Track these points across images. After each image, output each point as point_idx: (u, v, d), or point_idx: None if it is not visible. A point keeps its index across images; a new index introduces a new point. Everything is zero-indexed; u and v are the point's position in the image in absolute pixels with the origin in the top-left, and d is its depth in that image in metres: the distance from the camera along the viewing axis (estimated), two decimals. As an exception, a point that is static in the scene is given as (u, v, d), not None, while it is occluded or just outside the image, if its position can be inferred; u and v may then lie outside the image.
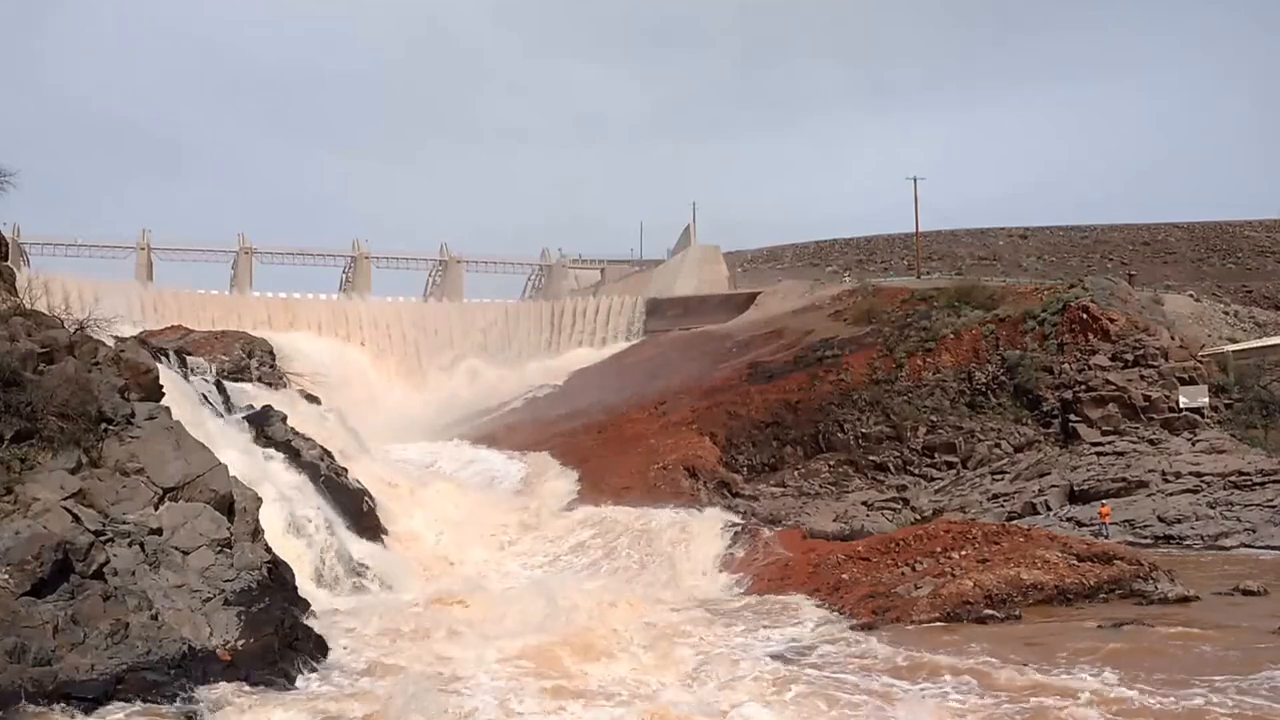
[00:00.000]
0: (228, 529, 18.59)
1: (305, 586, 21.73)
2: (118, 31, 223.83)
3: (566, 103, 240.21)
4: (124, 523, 17.43)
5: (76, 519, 16.41)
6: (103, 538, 16.53)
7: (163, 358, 27.45)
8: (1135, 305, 45.75)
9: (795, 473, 42.29)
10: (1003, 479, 39.33)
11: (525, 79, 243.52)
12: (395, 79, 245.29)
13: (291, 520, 24.69)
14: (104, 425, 19.09)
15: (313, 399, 41.19)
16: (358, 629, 20.37)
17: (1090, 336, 42.47)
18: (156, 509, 18.21)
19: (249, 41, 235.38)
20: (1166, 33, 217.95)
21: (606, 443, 45.49)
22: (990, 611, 21.26)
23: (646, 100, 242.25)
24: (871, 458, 41.94)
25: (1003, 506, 37.40)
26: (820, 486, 41.28)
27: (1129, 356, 41.19)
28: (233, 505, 19.39)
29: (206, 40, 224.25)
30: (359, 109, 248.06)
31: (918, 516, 37.35)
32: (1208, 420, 39.50)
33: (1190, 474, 36.09)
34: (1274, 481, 34.47)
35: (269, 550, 19.59)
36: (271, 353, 46.56)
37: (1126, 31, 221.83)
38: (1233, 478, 35.21)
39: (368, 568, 26.06)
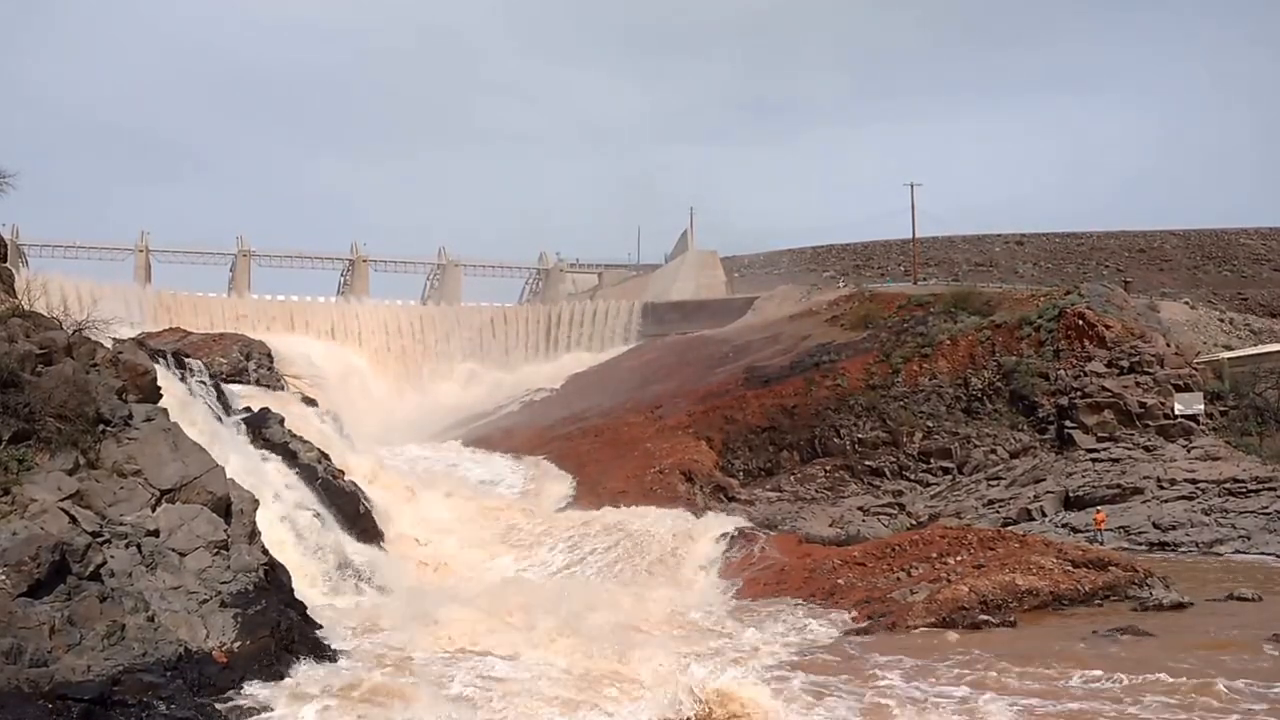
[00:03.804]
0: (225, 531, 18.61)
1: (301, 589, 21.73)
2: (116, 33, 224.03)
3: (566, 107, 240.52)
4: (121, 524, 17.45)
5: (74, 520, 16.43)
6: (100, 539, 16.55)
7: (161, 360, 27.46)
8: (1131, 312, 45.87)
9: (791, 478, 42.34)
10: (998, 485, 39.41)
11: (526, 83, 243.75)
12: (395, 82, 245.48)
13: (288, 522, 24.71)
14: (102, 427, 19.11)
15: (310, 402, 41.20)
16: (354, 632, 20.39)
17: (1086, 343, 42.59)
18: (154, 510, 18.24)
19: (248, 44, 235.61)
20: (1163, 41, 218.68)
21: (603, 446, 45.52)
22: (985, 617, 21.34)
23: (646, 105, 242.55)
24: (868, 463, 42.00)
25: (998, 512, 37.48)
26: (816, 491, 41.33)
27: (1125, 363, 41.31)
28: (230, 507, 19.41)
29: (205, 42, 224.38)
30: (359, 112, 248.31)
31: (913, 522, 37.40)
32: (1203, 427, 39.62)
33: (1185, 480, 36.20)
34: (1268, 489, 34.60)
35: (265, 552, 19.61)
36: (269, 355, 46.60)
37: (1123, 40, 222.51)
38: (1227, 484, 35.32)
39: (364, 570, 26.08)
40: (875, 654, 19.06)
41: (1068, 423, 40.61)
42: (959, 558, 24.66)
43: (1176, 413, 39.76)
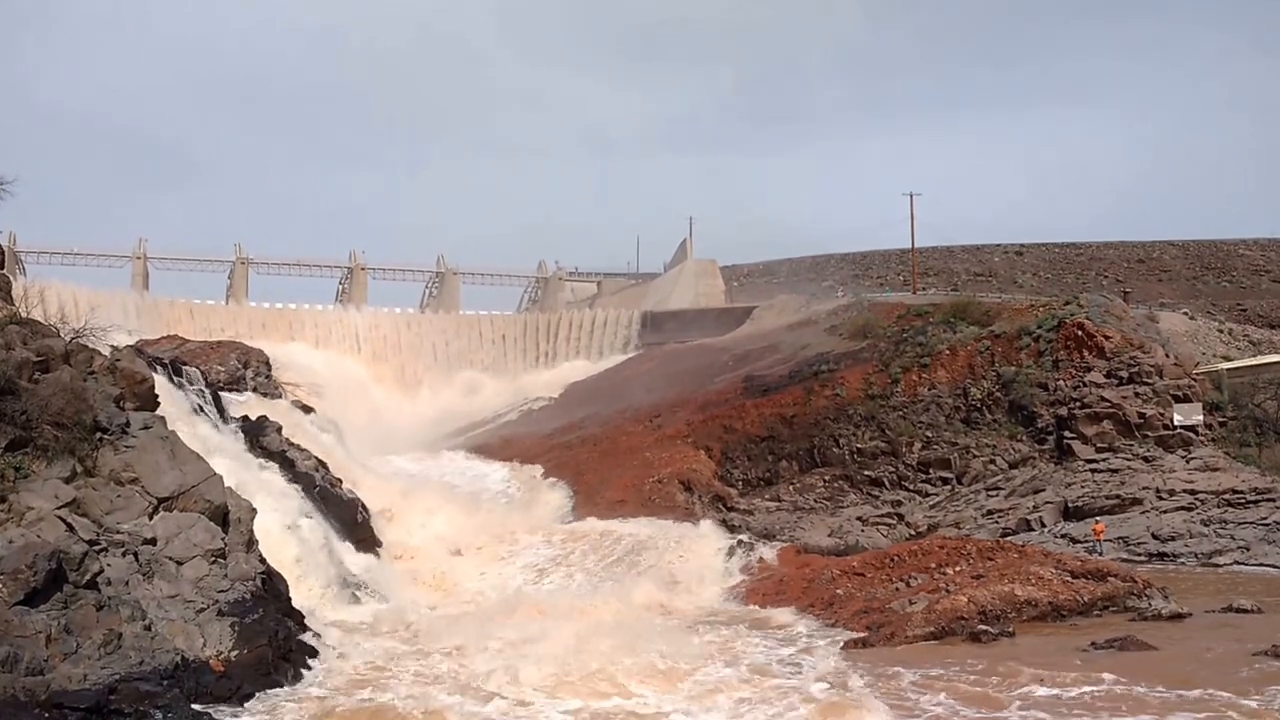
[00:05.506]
0: (222, 539, 18.59)
1: (299, 597, 21.69)
2: (115, 38, 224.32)
3: (566, 115, 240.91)
4: (118, 532, 17.42)
5: (70, 528, 16.40)
6: (97, 547, 16.52)
7: (158, 367, 27.45)
8: (1130, 323, 45.83)
9: (790, 487, 42.29)
10: (997, 495, 39.36)
11: (525, 91, 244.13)
12: (395, 89, 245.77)
13: (286, 531, 24.65)
14: (99, 434, 19.09)
15: (308, 410, 41.16)
16: (351, 640, 20.33)
17: (1085, 353, 42.56)
18: (151, 519, 18.21)
19: (248, 50, 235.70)
20: (1161, 53, 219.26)
21: (602, 455, 45.47)
22: (984, 627, 21.27)
23: (646, 113, 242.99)
24: (867, 473, 41.95)
25: (997, 523, 37.42)
26: (815, 501, 41.29)
27: (1124, 374, 41.29)
28: (227, 516, 19.39)
29: (204, 49, 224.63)
30: (358, 119, 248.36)
31: (912, 532, 37.35)
32: (1202, 438, 39.58)
33: (1184, 491, 36.14)
34: (1267, 499, 34.55)
35: (263, 561, 19.59)
36: (267, 363, 46.48)
37: (1120, 52, 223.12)
38: (1226, 495, 35.27)
39: (361, 579, 26.03)
40: (874, 665, 18.98)
41: (1067, 433, 40.57)
42: (958, 568, 24.63)
43: (1175, 423, 39.73)
